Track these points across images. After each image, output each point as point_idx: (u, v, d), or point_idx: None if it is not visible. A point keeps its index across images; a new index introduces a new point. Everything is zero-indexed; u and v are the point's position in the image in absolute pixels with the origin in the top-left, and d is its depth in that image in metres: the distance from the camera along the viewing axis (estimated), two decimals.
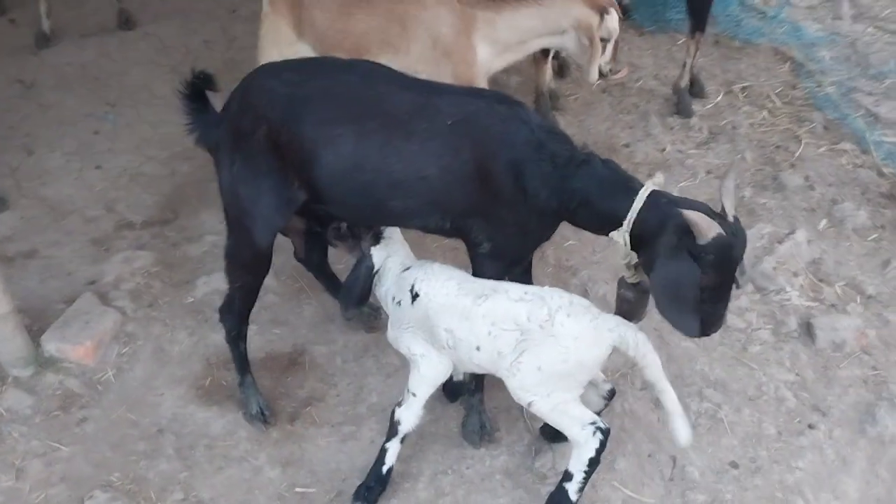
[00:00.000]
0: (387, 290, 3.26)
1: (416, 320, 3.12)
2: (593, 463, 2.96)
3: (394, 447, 3.19)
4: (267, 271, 3.35)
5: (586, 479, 2.98)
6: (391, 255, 3.29)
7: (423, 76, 3.93)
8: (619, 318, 3.01)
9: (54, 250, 4.43)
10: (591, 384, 3.16)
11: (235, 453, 3.44)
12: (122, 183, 4.90)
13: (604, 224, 3.02)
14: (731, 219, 2.87)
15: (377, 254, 3.27)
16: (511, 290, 3.04)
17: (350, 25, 4.04)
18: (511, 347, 2.94)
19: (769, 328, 3.91)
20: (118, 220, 4.63)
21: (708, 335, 3.05)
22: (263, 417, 3.52)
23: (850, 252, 4.38)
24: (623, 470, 3.31)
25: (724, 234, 2.78)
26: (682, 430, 2.98)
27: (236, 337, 3.48)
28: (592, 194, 2.98)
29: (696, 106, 5.49)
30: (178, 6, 6.31)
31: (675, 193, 4.62)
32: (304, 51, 4.15)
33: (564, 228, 4.35)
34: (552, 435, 3.32)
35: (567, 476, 3.00)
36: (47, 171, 4.98)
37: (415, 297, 3.11)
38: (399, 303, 3.19)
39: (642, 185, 2.97)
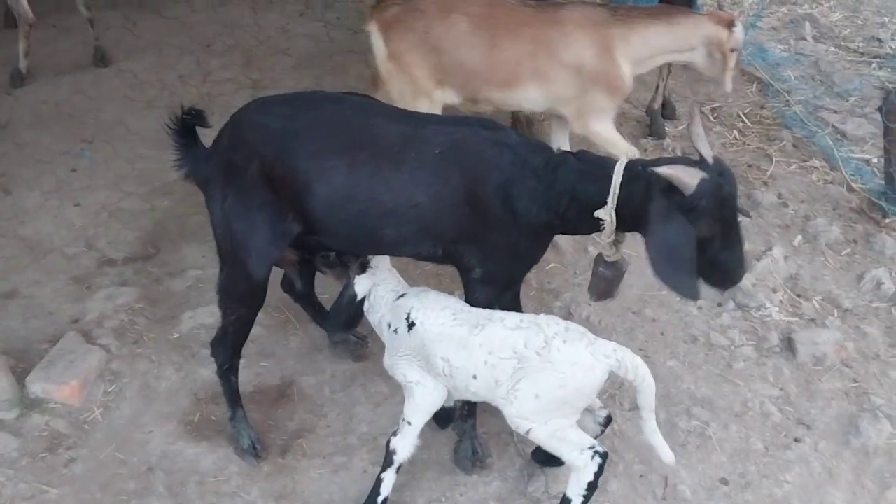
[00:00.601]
0: (381, 317, 3.29)
1: (412, 348, 3.14)
2: (592, 487, 2.98)
3: (389, 477, 3.19)
4: (262, 303, 3.36)
5: (585, 502, 3.00)
6: (379, 283, 3.31)
7: (570, 100, 4.15)
8: (615, 344, 3.02)
9: (35, 290, 4.39)
10: (588, 411, 3.19)
11: (227, 489, 3.42)
12: (102, 219, 4.88)
13: (591, 214, 3.01)
14: (710, 161, 2.84)
15: (361, 282, 3.31)
16: (507, 318, 3.07)
17: (500, 58, 4.07)
18: (508, 375, 2.96)
19: (752, 344, 3.98)
20: (99, 257, 4.61)
21: (737, 283, 3.05)
22: (255, 451, 3.50)
23: (826, 267, 4.48)
24: (615, 491, 3.34)
25: (707, 177, 2.76)
26: (665, 451, 3.02)
27: (228, 371, 3.47)
28: (576, 189, 3.00)
29: (669, 127, 5.60)
30: (151, 41, 6.32)
31: None
32: (445, 98, 4.19)
33: (546, 252, 4.48)
34: (544, 459, 3.35)
35: (565, 501, 3.02)
36: (25, 210, 4.94)
37: (411, 325, 3.13)
38: (395, 330, 3.21)
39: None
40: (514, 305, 3.45)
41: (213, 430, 3.65)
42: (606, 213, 2.94)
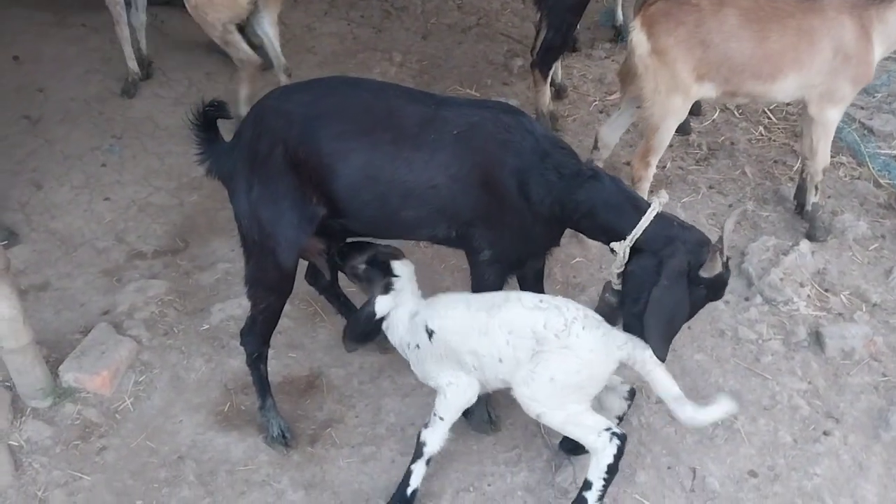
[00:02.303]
0: (401, 338, 3.33)
1: (438, 355, 3.18)
2: (612, 470, 3.00)
3: (419, 469, 3.22)
4: (290, 291, 3.39)
5: (606, 486, 3.01)
6: (399, 304, 3.32)
7: (816, 85, 4.17)
8: (628, 335, 3.05)
9: (67, 282, 4.46)
10: (609, 388, 3.21)
11: (257, 478, 3.45)
12: (132, 214, 4.94)
13: (604, 234, 3.14)
14: (725, 258, 3.00)
15: (382, 302, 3.32)
16: (524, 298, 3.10)
17: (768, 51, 4.07)
18: (528, 356, 2.98)
19: (779, 338, 3.96)
20: (129, 251, 4.66)
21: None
22: (285, 440, 3.54)
23: (853, 262, 4.45)
24: (644, 483, 3.34)
25: (724, 273, 2.96)
26: (723, 405, 3.03)
27: (257, 359, 3.51)
28: (598, 208, 3.07)
29: (694, 123, 5.58)
30: (178, 39, 6.37)
31: (678, 209, 4.81)
32: (701, 92, 4.20)
33: (572, 246, 4.49)
34: (571, 448, 3.36)
35: (587, 485, 3.03)
36: (56, 204, 5.01)
37: (430, 334, 3.17)
38: (418, 346, 3.25)
39: (648, 205, 3.07)
40: (537, 286, 3.52)
41: (242, 420, 3.69)
42: (622, 248, 3.03)
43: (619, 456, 2.99)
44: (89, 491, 3.41)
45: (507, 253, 3.26)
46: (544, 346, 2.96)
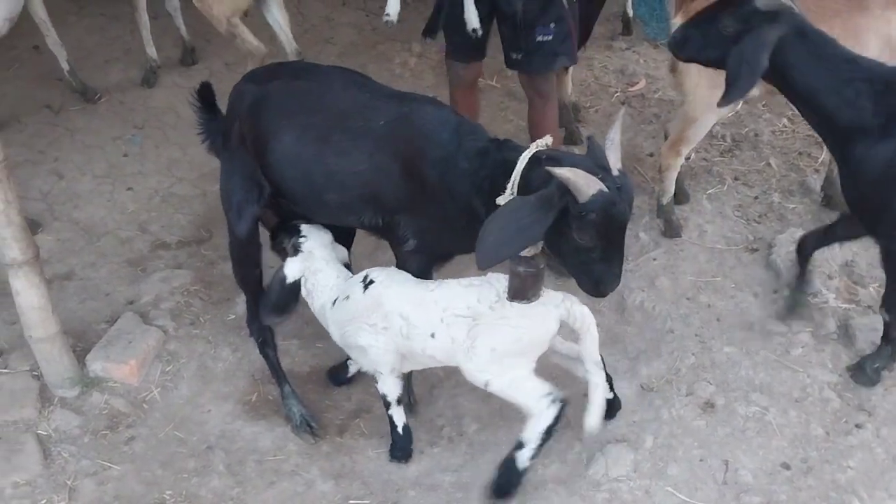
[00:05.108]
0: (322, 303, 3.36)
1: (364, 309, 3.20)
2: (549, 432, 3.06)
3: (395, 412, 3.37)
4: (255, 264, 3.50)
5: (539, 447, 3.09)
6: (317, 270, 3.35)
7: None
8: (563, 294, 3.09)
9: (91, 272, 4.46)
10: (575, 360, 3.23)
11: (286, 467, 3.45)
12: (154, 204, 4.94)
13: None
14: (616, 172, 2.80)
15: (291, 265, 3.36)
16: (461, 279, 3.19)
17: None
18: (465, 333, 3.04)
19: (808, 331, 3.93)
20: (153, 241, 4.66)
21: (604, 295, 3.03)
22: (310, 428, 3.54)
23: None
24: (675, 475, 3.32)
25: (605, 189, 2.69)
26: (592, 416, 3.06)
27: (263, 345, 3.59)
28: (497, 179, 2.96)
29: None
30: (198, 30, 6.34)
31: (704, 201, 4.78)
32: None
33: None
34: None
35: (519, 445, 3.10)
36: (79, 194, 5.01)
37: (368, 284, 3.22)
38: (347, 297, 3.27)
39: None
40: None
41: (270, 410, 3.68)
42: (504, 201, 2.88)
43: (557, 418, 3.06)
44: (118, 480, 3.41)
45: (432, 244, 3.28)
46: (480, 321, 3.03)
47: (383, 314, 3.17)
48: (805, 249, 3.92)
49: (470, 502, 3.28)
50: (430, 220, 3.19)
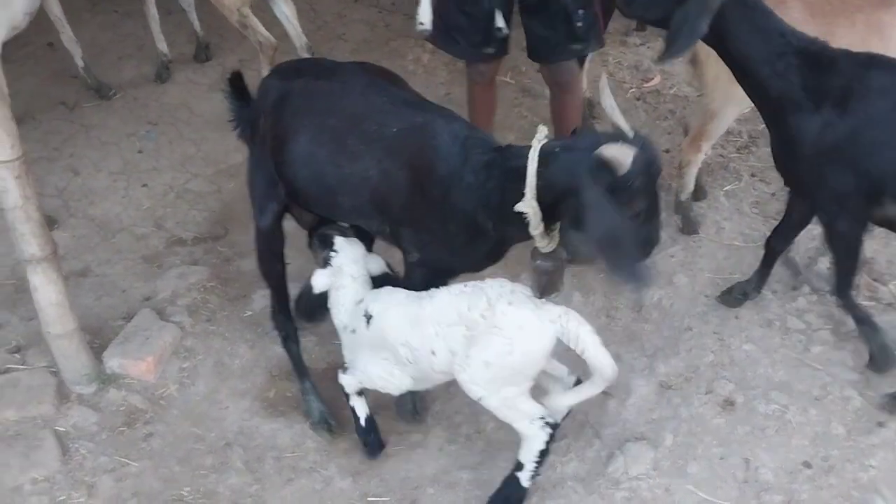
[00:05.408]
0: (341, 321, 3.34)
1: (371, 344, 3.19)
2: (543, 454, 3.05)
3: (357, 403, 3.39)
4: (277, 259, 3.52)
5: (538, 467, 3.07)
6: (341, 286, 3.31)
7: None
8: (562, 308, 3.00)
9: (107, 268, 4.46)
10: (555, 379, 3.18)
11: (304, 464, 3.45)
12: (170, 200, 4.93)
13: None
14: (630, 133, 2.76)
15: (319, 277, 3.33)
16: (452, 287, 3.13)
17: (835, 45, 3.80)
18: (460, 344, 2.97)
19: (828, 328, 3.90)
20: (168, 237, 4.66)
21: (649, 256, 2.98)
22: (328, 425, 3.54)
23: None
24: (696, 474, 3.30)
25: (638, 151, 2.67)
26: (565, 397, 3.07)
27: (286, 339, 3.59)
28: (507, 187, 2.90)
29: None
30: (211, 26, 6.33)
31: (721, 197, 4.76)
32: None
33: None
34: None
35: (519, 466, 3.08)
36: (94, 190, 5.01)
37: (369, 319, 3.18)
38: (354, 331, 3.26)
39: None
40: None
41: (288, 407, 3.68)
42: (527, 206, 2.82)
43: (549, 441, 3.04)
44: (136, 477, 3.41)
45: (434, 259, 3.23)
46: (474, 330, 2.94)
47: (388, 348, 3.15)
48: (773, 251, 3.92)
49: None
50: (432, 235, 3.15)
